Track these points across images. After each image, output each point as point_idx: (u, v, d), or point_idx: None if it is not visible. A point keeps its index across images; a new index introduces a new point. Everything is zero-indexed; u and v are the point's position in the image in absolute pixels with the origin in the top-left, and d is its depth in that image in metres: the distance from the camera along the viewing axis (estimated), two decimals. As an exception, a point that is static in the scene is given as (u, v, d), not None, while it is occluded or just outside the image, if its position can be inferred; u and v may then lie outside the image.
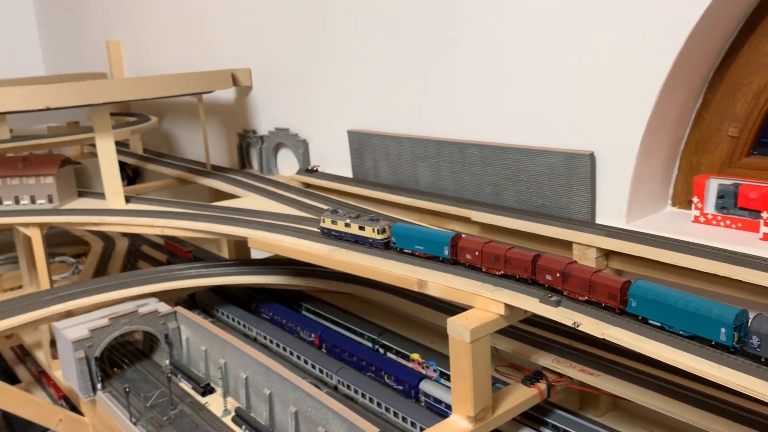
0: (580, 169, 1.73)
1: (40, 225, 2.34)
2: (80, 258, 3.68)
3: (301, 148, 2.69)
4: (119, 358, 2.18)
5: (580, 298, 1.40)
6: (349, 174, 2.50)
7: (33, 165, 2.43)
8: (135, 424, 1.81)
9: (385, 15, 2.22)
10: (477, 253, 1.61)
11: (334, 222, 1.94)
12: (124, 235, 3.59)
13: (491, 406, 1.47)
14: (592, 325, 1.30)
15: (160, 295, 2.24)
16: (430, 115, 2.16)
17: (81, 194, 2.61)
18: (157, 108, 3.63)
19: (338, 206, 2.16)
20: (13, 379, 3.38)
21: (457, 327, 1.39)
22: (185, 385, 2.02)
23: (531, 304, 1.40)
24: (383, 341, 2.09)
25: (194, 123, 3.46)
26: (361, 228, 1.87)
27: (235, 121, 3.11)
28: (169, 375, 1.94)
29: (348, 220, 1.90)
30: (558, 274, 1.44)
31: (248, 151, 3.04)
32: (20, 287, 3.40)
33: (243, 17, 2.91)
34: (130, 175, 3.94)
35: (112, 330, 2.01)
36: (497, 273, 1.57)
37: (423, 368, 1.94)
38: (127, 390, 1.85)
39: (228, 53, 3.07)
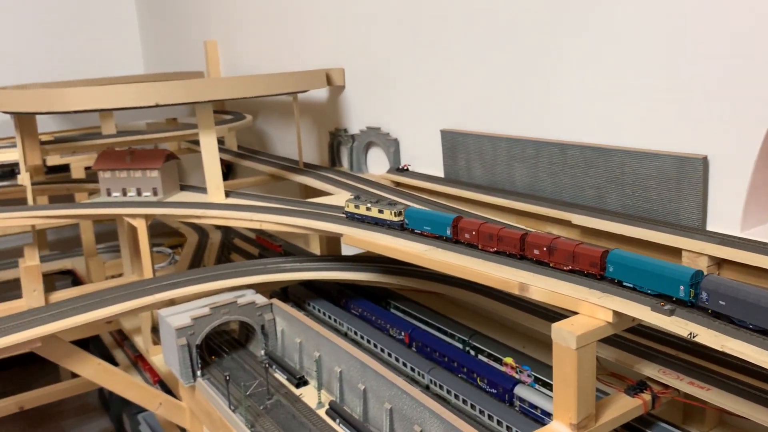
0: (691, 173, 1.66)
1: (146, 216, 2.46)
2: (176, 249, 3.85)
3: (392, 147, 2.70)
4: (217, 346, 2.26)
5: (565, 268, 1.57)
6: (440, 174, 2.49)
7: (140, 159, 2.55)
8: (234, 411, 1.87)
9: (483, 13, 2.20)
10: (474, 233, 1.79)
11: (356, 207, 2.17)
12: (217, 228, 3.71)
13: (594, 414, 1.43)
14: (711, 337, 1.24)
15: (256, 288, 2.31)
16: (528, 115, 2.13)
17: (182, 188, 2.73)
18: (251, 106, 3.74)
19: (360, 193, 2.38)
20: (111, 362, 3.58)
21: (563, 333, 1.36)
22: (280, 376, 2.07)
23: (641, 312, 1.36)
24: (475, 343, 2.07)
25: (286, 121, 3.54)
26: (380, 211, 2.10)
27: (326, 119, 3.17)
28: (267, 365, 2.00)
29: (369, 205, 2.13)
30: (545, 249, 1.61)
31: (339, 149, 3.09)
32: (121, 275, 3.59)
33: (337, 17, 2.96)
34: (224, 170, 4.07)
35: (213, 319, 2.09)
36: (491, 250, 1.74)
37: (516, 373, 1.91)
38: (227, 378, 1.91)
39: (321, 53, 3.13)
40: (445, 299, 2.53)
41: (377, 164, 2.87)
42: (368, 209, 2.14)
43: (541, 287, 1.51)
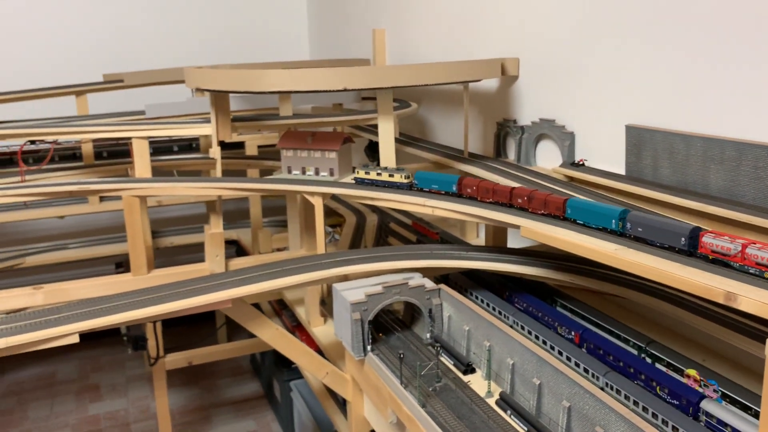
0: None
1: (323, 195, 2.58)
2: (335, 228, 4.00)
3: (567, 141, 2.63)
4: (386, 324, 2.33)
5: (539, 212, 2.12)
6: (620, 171, 2.40)
7: (320, 140, 2.68)
8: (405, 388, 1.92)
9: (680, 1, 2.07)
10: (474, 188, 2.34)
11: (367, 173, 2.57)
12: (373, 211, 3.82)
13: (809, 441, 1.32)
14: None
15: (421, 272, 2.35)
16: (730, 113, 1.98)
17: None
18: (414, 94, 3.80)
19: (368, 163, 2.68)
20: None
21: (784, 349, 1.26)
22: (446, 361, 2.10)
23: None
24: (652, 351, 1.98)
25: (451, 109, 3.56)
26: (391, 175, 2.51)
27: (494, 109, 3.15)
28: (438, 349, 2.03)
29: (379, 171, 2.53)
30: (525, 198, 2.17)
31: (505, 140, 3.06)
32: (285, 248, 3.80)
33: (512, 4, 2.92)
34: (381, 156, 4.18)
35: (385, 297, 2.15)
36: (488, 200, 2.30)
37: (701, 386, 1.80)
38: (401, 356, 1.96)
39: (492, 42, 3.11)
40: (613, 301, 2.44)
41: (547, 157, 2.81)
42: (378, 174, 2.53)
43: (753, 299, 1.40)
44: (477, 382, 1.99)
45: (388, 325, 2.33)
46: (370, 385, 2.15)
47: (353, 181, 2.62)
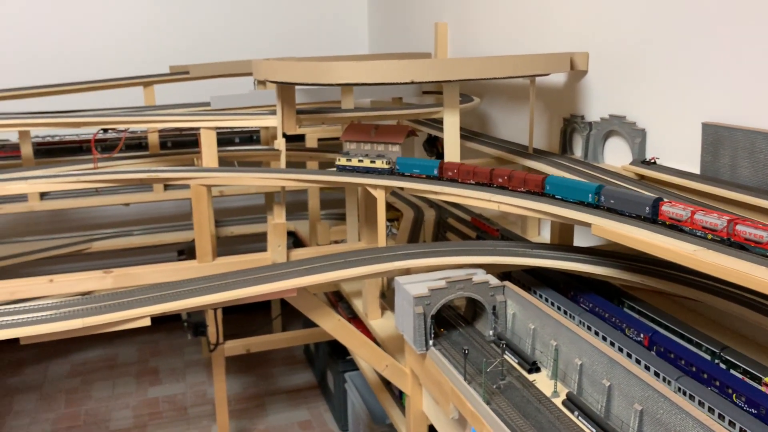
0: None
1: (386, 188, 2.57)
2: (392, 222, 4.00)
3: (638, 138, 2.56)
4: (448, 320, 2.31)
5: (519, 189, 2.31)
6: (695, 170, 2.31)
7: (383, 133, 2.68)
8: (469, 384, 1.90)
9: (775, -3, 1.98)
10: (456, 171, 2.49)
11: (348, 160, 2.66)
12: (431, 206, 3.80)
13: None
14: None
15: (485, 268, 2.32)
16: (820, 112, 1.89)
17: (415, 164, 2.82)
18: (476, 88, 3.76)
19: (348, 151, 2.79)
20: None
21: None
22: (510, 359, 2.07)
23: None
24: (727, 357, 1.91)
25: (514, 104, 3.51)
26: (372, 162, 2.61)
27: (560, 105, 3.09)
28: (504, 346, 2.00)
29: (361, 158, 2.62)
30: (506, 177, 2.34)
31: (572, 136, 3.00)
32: (343, 241, 3.82)
33: (584, -1, 2.85)
34: (440, 151, 4.15)
35: (448, 292, 2.14)
36: (469, 182, 2.44)
37: (781, 395, 1.72)
38: (466, 351, 1.94)
39: (559, 35, 3.04)
40: (683, 304, 2.36)
41: (615, 154, 2.74)
42: (360, 161, 2.62)
43: None
44: (542, 381, 1.95)
45: (450, 321, 2.31)
46: (432, 379, 2.13)
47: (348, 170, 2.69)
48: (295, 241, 4.59)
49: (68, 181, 2.63)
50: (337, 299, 3.94)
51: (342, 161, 2.66)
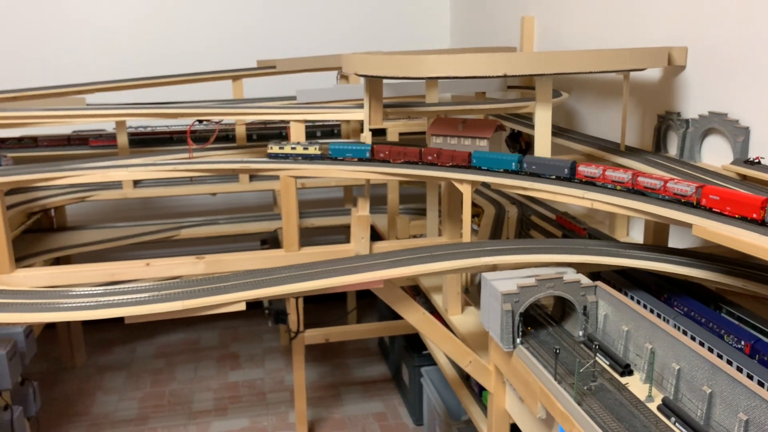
0: None
1: (472, 183, 2.56)
2: (473, 219, 3.97)
3: (741, 137, 2.44)
4: (536, 318, 2.28)
5: (448, 164, 2.58)
6: (805, 171, 2.19)
7: (471, 127, 2.66)
8: (559, 384, 1.87)
9: None
10: (387, 152, 2.72)
11: (281, 148, 2.80)
12: (513, 203, 3.75)
13: None
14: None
15: (575, 267, 2.27)
16: None
17: (502, 159, 2.78)
18: (564, 83, 3.68)
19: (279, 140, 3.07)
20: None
21: None
22: (601, 361, 2.02)
23: None
24: (840, 369, 1.79)
25: (604, 100, 3.41)
26: (305, 149, 2.78)
27: (654, 101, 2.98)
28: (597, 347, 1.96)
29: (293, 145, 2.79)
30: (435, 155, 2.60)
31: (666, 134, 2.89)
32: (422, 235, 3.83)
33: (684, -9, 2.73)
34: (523, 146, 4.09)
35: (538, 291, 2.11)
36: (399, 161, 2.68)
37: None
38: (557, 351, 1.91)
39: (654, 29, 2.93)
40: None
41: (714, 153, 2.62)
42: (293, 148, 2.77)
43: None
44: (635, 384, 1.90)
45: (539, 319, 2.28)
46: (518, 378, 2.11)
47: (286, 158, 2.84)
48: (372, 234, 4.62)
49: (166, 169, 2.74)
50: (415, 293, 3.95)
51: (275, 149, 2.80)
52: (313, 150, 2.76)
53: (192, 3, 5.16)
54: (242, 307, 2.04)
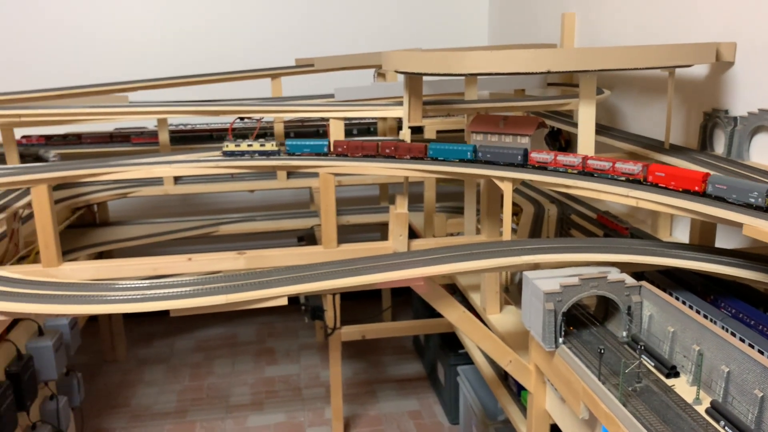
0: None
1: (513, 180, 2.53)
2: (512, 217, 3.94)
3: (793, 134, 2.37)
4: (578, 318, 2.25)
5: (406, 156, 2.69)
6: None
7: (513, 124, 2.63)
8: (603, 384, 1.84)
9: None
10: (345, 147, 2.77)
11: (237, 145, 2.82)
12: (552, 201, 3.70)
13: None
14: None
15: (619, 267, 2.23)
16: None
17: (543, 157, 2.75)
18: (605, 80, 3.62)
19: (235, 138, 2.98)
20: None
21: None
22: (646, 362, 1.98)
23: None
24: None
25: (646, 97, 3.35)
26: (262, 145, 2.80)
27: (700, 98, 2.91)
28: (642, 348, 1.92)
29: (250, 142, 2.79)
30: (393, 148, 2.70)
31: (712, 132, 2.82)
32: (459, 234, 3.81)
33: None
34: (563, 144, 4.04)
35: (581, 290, 2.08)
36: (358, 155, 2.75)
37: None
38: (602, 351, 1.88)
39: (700, 24, 2.86)
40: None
41: (763, 152, 2.55)
42: (250, 146, 2.79)
43: None
44: (682, 387, 1.86)
45: (581, 319, 2.25)
46: (560, 378, 2.08)
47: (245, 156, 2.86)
48: (408, 232, 4.62)
49: (209, 165, 2.78)
50: (451, 292, 3.93)
51: (230, 147, 2.81)
52: (270, 146, 2.78)
53: (232, 2, 5.23)
54: (284, 301, 2.06)
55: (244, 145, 2.83)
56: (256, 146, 2.80)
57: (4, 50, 5.01)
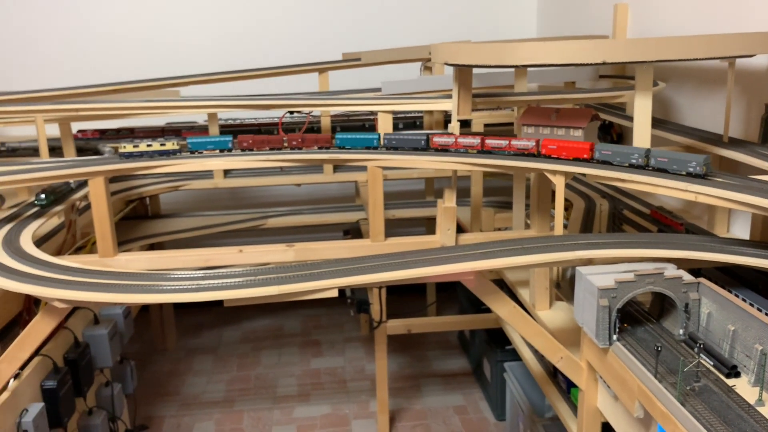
0: None
1: (566, 174, 2.49)
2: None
3: None
4: (633, 314, 2.20)
5: (314, 147, 2.85)
6: None
7: (565, 117, 2.59)
8: (660, 382, 1.79)
9: None
10: (250, 142, 2.85)
11: (135, 146, 2.77)
12: (603, 197, 3.63)
13: None
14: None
15: (675, 263, 2.17)
16: None
17: (596, 150, 2.69)
18: (660, 72, 3.52)
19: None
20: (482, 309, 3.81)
21: None
22: (704, 361, 1.93)
23: None
24: None
25: (704, 88, 3.25)
26: (162, 144, 2.78)
27: (761, 89, 2.80)
28: (700, 346, 1.87)
29: (149, 142, 2.78)
30: (299, 140, 2.84)
31: (775, 124, 2.72)
32: (506, 228, 3.77)
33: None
34: (614, 138, 3.96)
35: (637, 286, 2.03)
36: (266, 148, 2.85)
37: None
38: (659, 349, 1.84)
39: (762, 12, 2.75)
40: None
41: (831, 146, 2.44)
42: (149, 146, 2.76)
43: None
44: (743, 387, 1.80)
45: (636, 316, 2.20)
46: (614, 375, 2.04)
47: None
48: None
49: (261, 159, 2.82)
50: (501, 287, 3.89)
51: (128, 148, 2.76)
52: (170, 145, 2.78)
53: (279, 3, 5.28)
54: (335, 293, 2.07)
55: (143, 146, 2.79)
56: (155, 146, 2.78)
57: (64, 47, 5.17)
